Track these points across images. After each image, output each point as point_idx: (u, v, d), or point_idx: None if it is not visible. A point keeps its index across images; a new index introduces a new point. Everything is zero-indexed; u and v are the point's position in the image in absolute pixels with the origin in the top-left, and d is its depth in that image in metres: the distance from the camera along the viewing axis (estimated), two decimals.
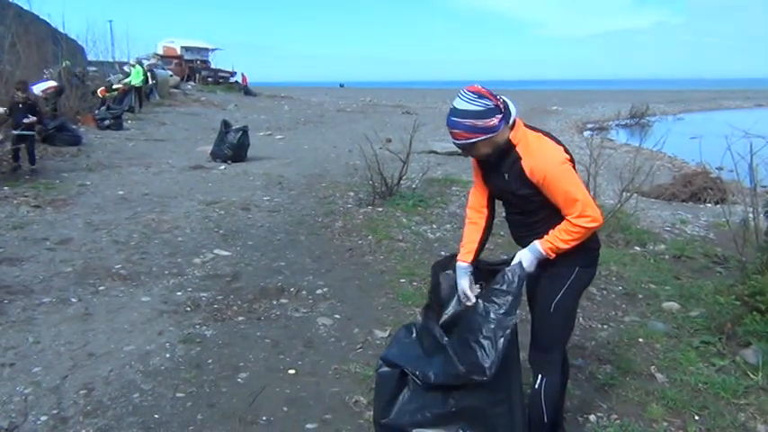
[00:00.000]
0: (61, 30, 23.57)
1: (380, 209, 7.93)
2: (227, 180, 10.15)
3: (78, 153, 12.24)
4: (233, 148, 12.02)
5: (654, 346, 4.21)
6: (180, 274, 5.43)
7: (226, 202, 8.28)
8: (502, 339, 2.40)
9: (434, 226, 7.32)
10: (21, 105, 9.63)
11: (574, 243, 2.46)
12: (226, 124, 12.39)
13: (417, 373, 2.55)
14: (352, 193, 9.03)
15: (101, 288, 5.03)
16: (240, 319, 4.54)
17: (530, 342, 2.76)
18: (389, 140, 12.65)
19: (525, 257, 2.53)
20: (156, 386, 3.53)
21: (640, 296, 5.25)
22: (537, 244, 2.51)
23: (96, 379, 3.58)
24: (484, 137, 2.42)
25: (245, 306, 4.77)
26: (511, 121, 2.47)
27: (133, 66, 22.51)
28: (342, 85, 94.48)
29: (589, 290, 5.30)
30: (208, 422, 3.20)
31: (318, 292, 5.13)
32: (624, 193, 7.45)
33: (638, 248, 6.71)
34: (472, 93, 2.42)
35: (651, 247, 6.76)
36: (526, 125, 2.56)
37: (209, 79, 40.20)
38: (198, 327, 4.35)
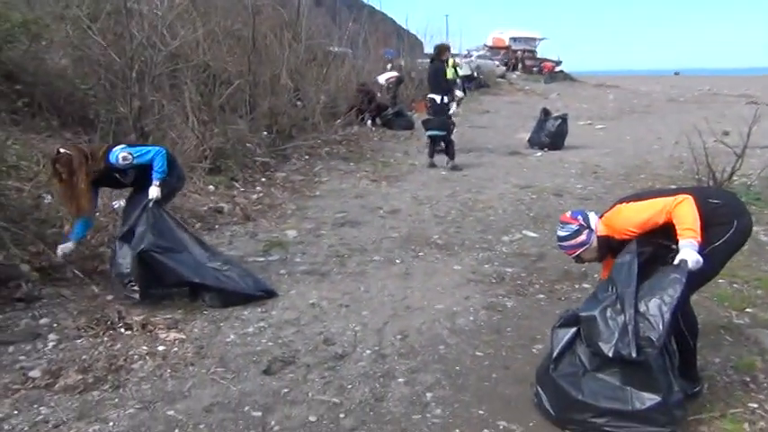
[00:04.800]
0: (404, 26, 26.23)
1: None
2: (542, 166, 10.32)
3: (411, 136, 13.63)
4: (551, 135, 12.13)
5: None
6: (489, 249, 5.81)
7: (538, 188, 8.47)
8: (668, 315, 2.75)
9: None
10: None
11: (695, 216, 2.88)
12: (545, 112, 12.53)
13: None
14: (673, 186, 8.44)
15: (420, 253, 5.67)
16: (541, 296, 4.71)
17: None
18: (726, 133, 11.43)
19: (690, 257, 2.80)
20: (460, 343, 3.91)
21: None
22: (687, 241, 2.84)
23: (410, 328, 4.10)
24: (581, 249, 3.21)
25: (546, 285, 4.93)
26: (595, 227, 3.19)
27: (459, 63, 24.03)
28: (677, 73, 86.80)
29: None
30: (501, 382, 3.45)
31: None
32: None
33: None
34: (561, 222, 3.29)
35: None
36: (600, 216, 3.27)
37: (534, 69, 40.60)
38: (500, 297, 4.65)
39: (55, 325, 4.00)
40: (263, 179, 8.37)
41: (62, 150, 4.34)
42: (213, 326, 4.09)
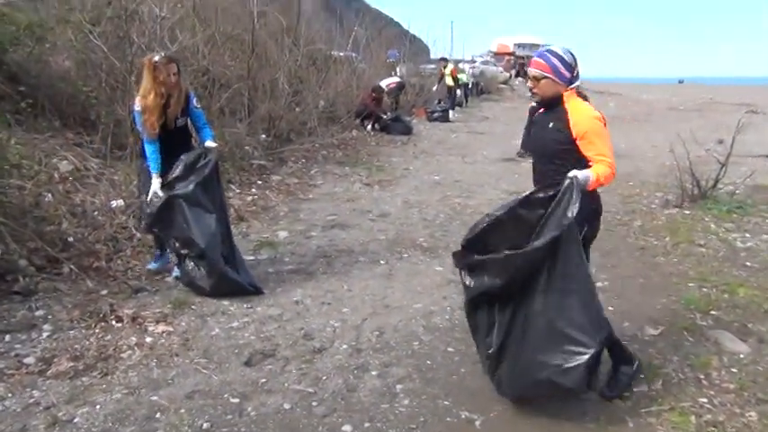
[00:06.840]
0: (410, 31, 26.47)
1: (688, 212, 7.49)
2: None
3: (407, 142, 13.85)
4: None
5: None
6: None
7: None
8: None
9: (747, 235, 6.67)
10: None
11: (604, 181, 3.06)
12: None
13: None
14: (659, 194, 8.65)
15: (404, 255, 5.87)
16: None
17: None
18: (721, 142, 11.68)
19: (582, 174, 2.98)
20: (433, 340, 4.11)
21: None
22: (587, 171, 3.02)
23: (387, 325, 4.31)
24: (553, 77, 3.14)
25: None
26: (571, 86, 3.18)
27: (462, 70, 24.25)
28: (681, 82, 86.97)
29: None
30: (470, 376, 3.65)
31: (598, 285, 5.17)
32: None
33: None
34: (570, 52, 3.19)
35: None
36: (578, 93, 3.23)
37: None
38: None
39: (50, 317, 4.21)
40: (259, 181, 8.58)
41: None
42: (200, 320, 4.30)
